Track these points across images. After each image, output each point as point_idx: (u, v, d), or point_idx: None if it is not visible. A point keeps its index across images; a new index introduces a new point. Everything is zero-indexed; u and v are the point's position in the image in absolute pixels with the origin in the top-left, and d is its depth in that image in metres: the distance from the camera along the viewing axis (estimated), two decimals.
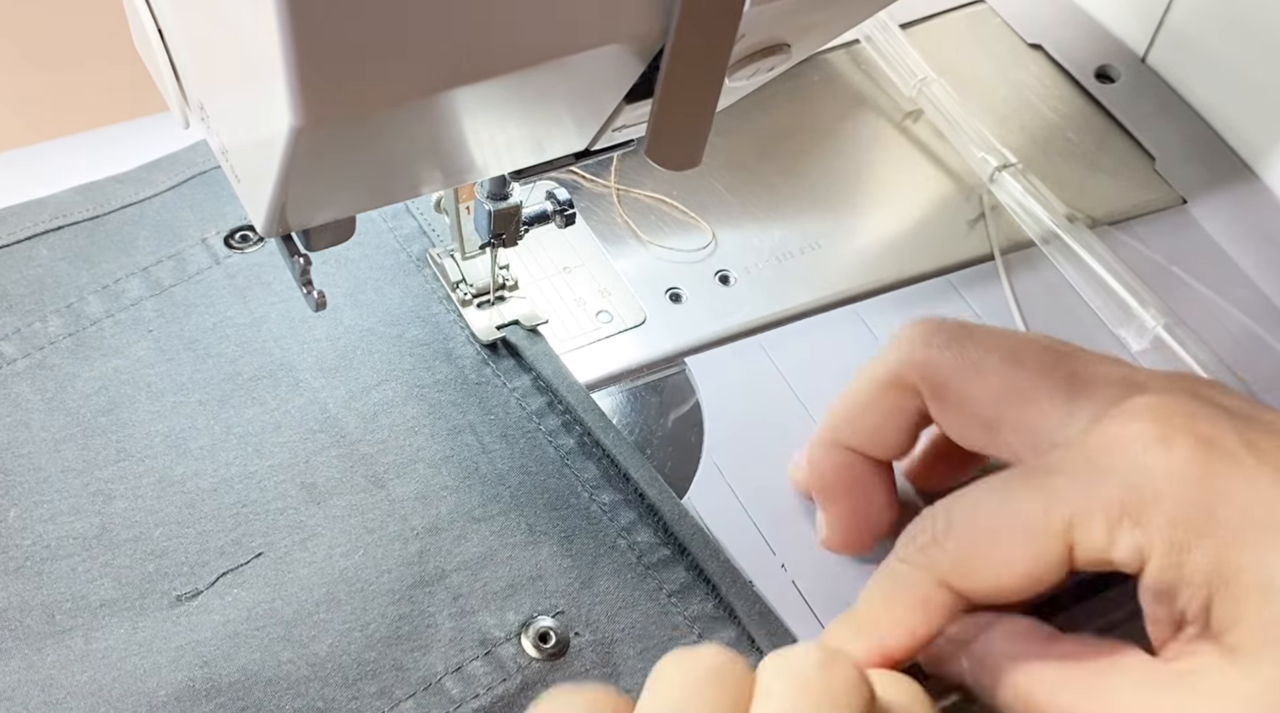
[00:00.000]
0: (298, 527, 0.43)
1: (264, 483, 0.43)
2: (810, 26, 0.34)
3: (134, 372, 0.46)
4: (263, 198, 0.32)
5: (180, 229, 0.50)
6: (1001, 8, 0.62)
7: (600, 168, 0.53)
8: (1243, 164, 0.57)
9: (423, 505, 0.43)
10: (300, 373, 0.46)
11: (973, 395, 0.37)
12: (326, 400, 0.46)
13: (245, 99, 0.29)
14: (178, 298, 0.48)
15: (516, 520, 0.43)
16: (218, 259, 0.49)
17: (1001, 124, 0.57)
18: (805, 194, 0.54)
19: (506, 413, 0.46)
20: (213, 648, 0.40)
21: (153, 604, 0.41)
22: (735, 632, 0.41)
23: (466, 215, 0.44)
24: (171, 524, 0.42)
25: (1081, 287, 0.51)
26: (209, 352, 0.46)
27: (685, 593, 0.42)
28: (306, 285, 0.39)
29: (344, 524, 0.43)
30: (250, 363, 0.46)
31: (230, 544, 0.42)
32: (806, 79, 0.58)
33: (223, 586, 0.41)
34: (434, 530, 0.43)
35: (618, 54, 0.30)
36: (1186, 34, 0.58)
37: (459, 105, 0.29)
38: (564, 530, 0.43)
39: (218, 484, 0.43)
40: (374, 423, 0.45)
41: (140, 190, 0.51)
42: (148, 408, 0.45)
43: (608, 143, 0.37)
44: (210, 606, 0.41)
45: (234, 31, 0.28)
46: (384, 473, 0.44)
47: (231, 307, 0.48)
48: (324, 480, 0.44)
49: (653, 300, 0.50)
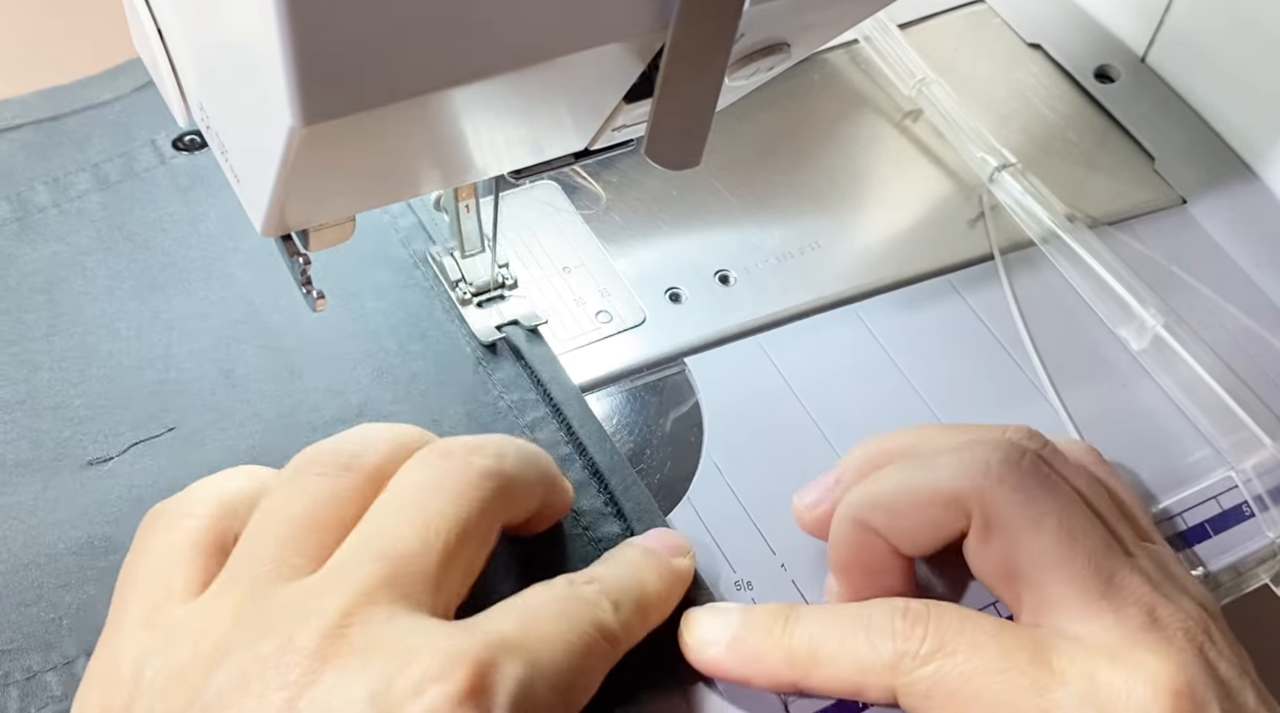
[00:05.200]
0: (212, 408, 0.44)
1: (184, 365, 0.46)
2: (810, 26, 0.34)
3: (72, 257, 0.48)
4: (262, 198, 0.32)
5: (134, 131, 0.52)
6: (1001, 8, 0.62)
7: (600, 167, 0.53)
8: (1243, 164, 0.57)
9: (334, 397, 0.45)
10: (232, 268, 0.48)
11: (1019, 546, 0.36)
12: (254, 295, 0.48)
13: (245, 99, 0.29)
14: (123, 193, 0.50)
15: (424, 415, 0.45)
16: (164, 159, 0.51)
17: (1001, 124, 0.57)
18: (805, 194, 0.54)
19: (429, 314, 0.48)
20: (116, 509, 0.42)
21: (65, 467, 0.43)
22: (620, 526, 0.42)
23: (466, 214, 0.44)
24: (92, 396, 0.44)
25: (1081, 286, 0.52)
26: (146, 244, 0.49)
27: (580, 489, 0.43)
28: (306, 285, 0.39)
29: (256, 408, 0.45)
30: (185, 256, 0.48)
31: (146, 418, 0.44)
32: (806, 79, 0.58)
33: (133, 455, 0.43)
34: (342, 421, 0.44)
35: (617, 54, 0.30)
36: (1186, 34, 0.58)
37: (459, 105, 0.29)
38: (470, 426, 0.45)
39: (141, 364, 0.45)
40: (297, 321, 0.47)
41: (101, 93, 0.53)
42: (82, 290, 0.47)
43: (607, 143, 0.37)
44: (118, 471, 0.43)
45: (234, 31, 0.28)
46: (301, 366, 0.46)
47: (173, 204, 0.50)
48: (242, 368, 0.46)
49: (652, 300, 0.50)
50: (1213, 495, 0.46)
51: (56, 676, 0.38)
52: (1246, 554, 0.46)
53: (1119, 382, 0.49)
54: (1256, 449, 0.47)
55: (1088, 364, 0.49)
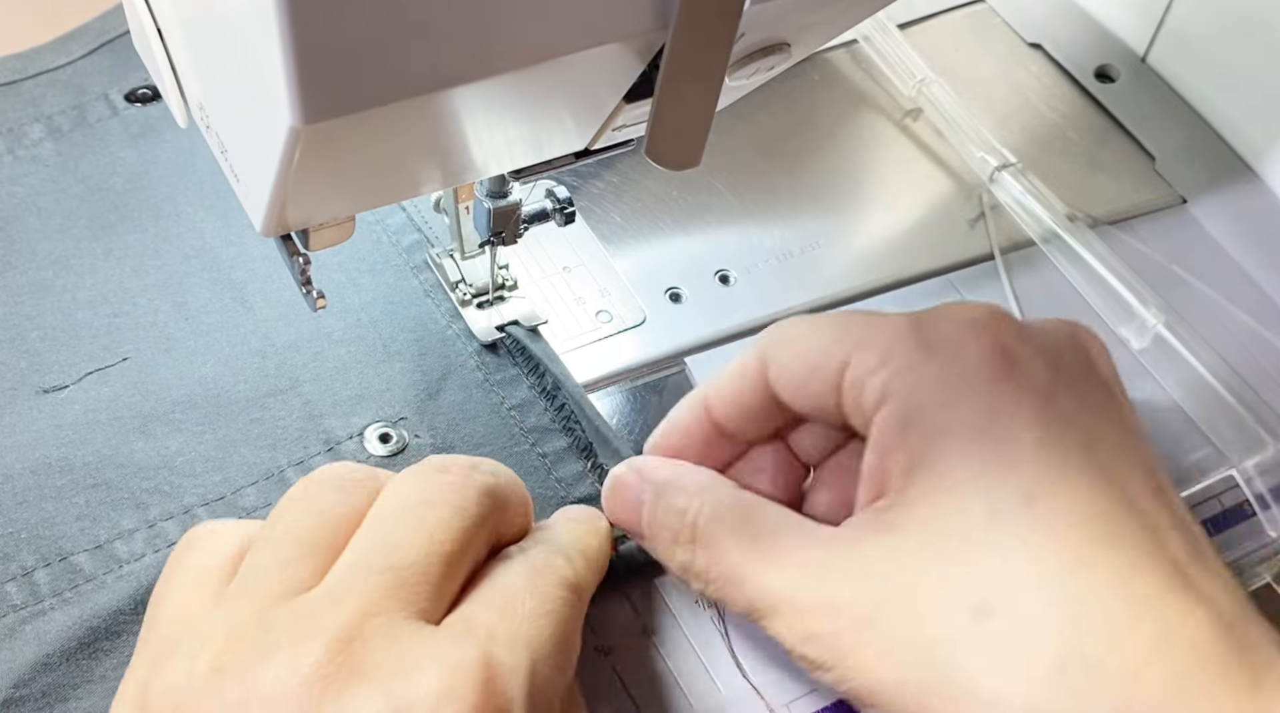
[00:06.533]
0: (165, 338, 0.46)
1: (137, 299, 0.47)
2: (810, 26, 0.34)
3: (27, 198, 0.49)
4: (262, 198, 0.32)
5: (87, 88, 0.53)
6: (1001, 7, 0.62)
7: (600, 167, 0.53)
8: (1243, 164, 0.57)
9: (285, 326, 0.46)
10: (182, 207, 0.49)
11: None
12: (205, 231, 0.49)
13: (245, 99, 0.29)
14: (75, 141, 0.51)
15: (374, 342, 0.46)
16: (116, 111, 0.53)
17: (1001, 124, 0.57)
18: (805, 194, 0.54)
19: (375, 249, 0.49)
20: (71, 433, 0.43)
21: (21, 396, 0.44)
22: (568, 441, 0.44)
23: (466, 215, 0.44)
24: (47, 329, 0.46)
25: (1082, 286, 0.51)
26: (99, 186, 0.50)
27: (525, 408, 0.45)
28: (306, 285, 0.39)
29: (209, 338, 0.46)
30: (136, 197, 0.50)
31: (100, 350, 0.45)
32: (806, 79, 0.58)
33: (88, 382, 0.44)
34: (293, 347, 0.46)
35: (618, 53, 0.30)
36: (1186, 34, 0.58)
37: (459, 105, 0.29)
38: (418, 351, 0.46)
39: (94, 298, 0.46)
40: (246, 252, 0.48)
41: (56, 58, 0.54)
42: (36, 228, 0.48)
43: (607, 142, 0.37)
44: (74, 398, 0.44)
45: (234, 31, 0.28)
46: (252, 297, 0.47)
47: (124, 149, 0.51)
48: (195, 300, 0.47)
49: (652, 300, 0.50)
50: (1214, 494, 0.46)
51: (16, 585, 0.39)
52: (1248, 553, 0.46)
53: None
54: (1258, 448, 0.47)
55: None
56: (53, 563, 0.40)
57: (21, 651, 0.38)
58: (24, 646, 0.38)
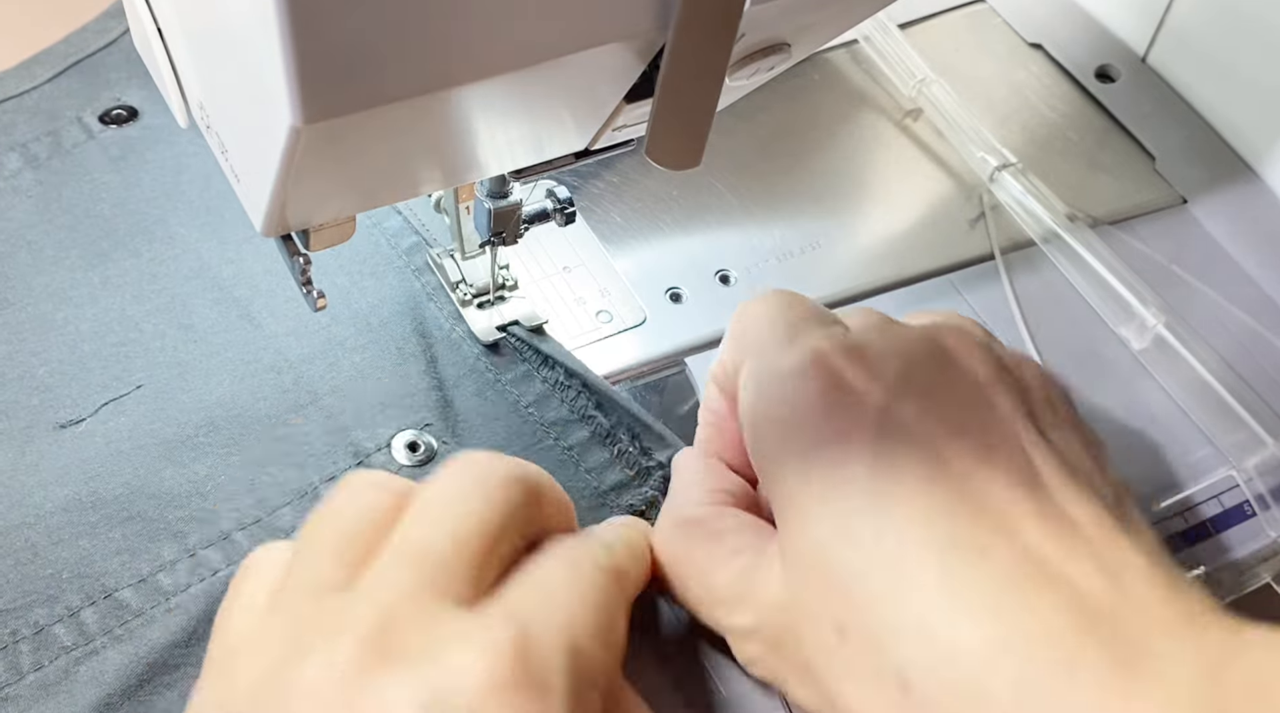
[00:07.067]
0: (176, 362, 0.45)
1: (142, 325, 0.46)
2: (810, 26, 0.34)
3: (14, 232, 0.48)
4: (262, 198, 0.32)
5: (57, 113, 0.52)
6: (1001, 7, 0.62)
7: (600, 167, 0.53)
8: (1243, 164, 0.57)
9: (296, 340, 0.46)
10: (174, 228, 0.49)
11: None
12: (201, 251, 0.48)
13: (245, 99, 0.29)
14: (55, 168, 0.51)
15: (386, 346, 0.46)
16: (92, 134, 0.52)
17: (1001, 124, 0.57)
18: (805, 194, 0.54)
19: (375, 252, 0.48)
20: (97, 466, 0.42)
21: (39, 433, 0.43)
22: (589, 430, 0.44)
23: (466, 215, 0.44)
24: (54, 363, 0.45)
25: (1082, 286, 0.51)
26: (86, 213, 0.49)
27: (541, 403, 0.45)
28: (306, 285, 0.39)
29: (220, 358, 0.45)
30: (125, 222, 0.49)
31: (111, 380, 0.44)
32: (806, 79, 0.58)
33: (105, 413, 0.44)
34: (307, 360, 0.45)
35: (618, 53, 0.30)
36: (1186, 34, 0.58)
37: (459, 105, 0.29)
38: (430, 354, 0.46)
39: (98, 328, 0.46)
40: (245, 269, 0.48)
41: (19, 85, 0.53)
42: (28, 262, 0.47)
43: (608, 142, 0.37)
44: (93, 430, 0.43)
45: (234, 31, 0.28)
46: (258, 313, 0.47)
47: (106, 174, 0.50)
48: (201, 321, 0.46)
49: (653, 300, 0.50)
50: (1214, 495, 0.46)
51: (64, 627, 0.39)
52: (1248, 553, 0.46)
53: (1120, 381, 0.49)
54: (1258, 448, 0.47)
55: (1089, 364, 0.49)
56: (98, 601, 0.39)
57: (81, 694, 0.37)
58: (82, 688, 0.37)
